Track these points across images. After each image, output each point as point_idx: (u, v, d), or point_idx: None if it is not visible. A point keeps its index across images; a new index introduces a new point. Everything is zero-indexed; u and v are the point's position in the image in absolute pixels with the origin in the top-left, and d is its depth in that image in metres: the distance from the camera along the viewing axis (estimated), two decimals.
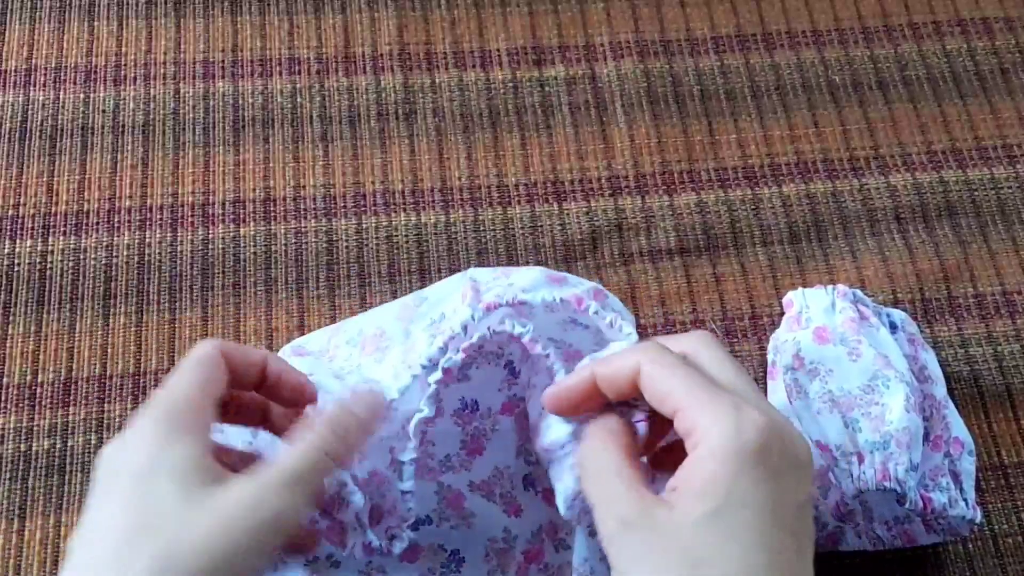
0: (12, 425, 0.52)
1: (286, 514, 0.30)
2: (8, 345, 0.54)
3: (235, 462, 0.35)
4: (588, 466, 0.31)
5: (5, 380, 0.53)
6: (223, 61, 0.63)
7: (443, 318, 0.39)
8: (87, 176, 0.59)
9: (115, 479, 0.31)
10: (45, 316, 0.55)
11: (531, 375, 0.39)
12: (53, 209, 0.58)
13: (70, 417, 0.52)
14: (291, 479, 0.30)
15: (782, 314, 0.55)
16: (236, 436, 0.39)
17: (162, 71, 0.62)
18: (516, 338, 0.37)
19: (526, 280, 0.39)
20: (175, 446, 0.30)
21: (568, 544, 0.43)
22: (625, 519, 0.28)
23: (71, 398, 0.53)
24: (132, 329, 0.55)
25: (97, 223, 0.57)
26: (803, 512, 0.28)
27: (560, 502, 0.34)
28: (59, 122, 0.60)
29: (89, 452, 0.51)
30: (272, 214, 0.58)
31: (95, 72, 0.62)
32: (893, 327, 0.51)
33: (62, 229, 0.57)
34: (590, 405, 0.33)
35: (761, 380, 0.54)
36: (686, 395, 0.29)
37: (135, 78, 0.62)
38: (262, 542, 0.29)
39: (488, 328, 0.37)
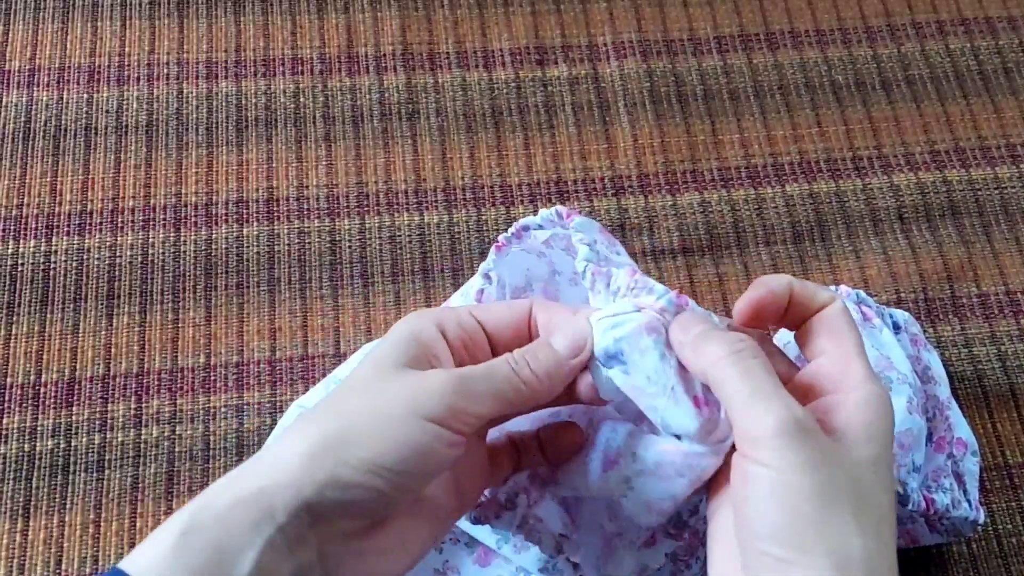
0: (16, 425, 0.52)
1: (456, 410, 0.30)
2: (12, 345, 0.54)
3: None
4: (746, 360, 0.31)
5: (9, 380, 0.53)
6: (226, 61, 0.63)
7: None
8: (91, 176, 0.59)
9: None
10: (49, 316, 0.55)
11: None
12: (57, 209, 0.58)
13: (74, 417, 0.52)
14: (474, 377, 0.31)
15: None
16: None
17: (165, 71, 0.62)
18: None
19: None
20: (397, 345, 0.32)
21: None
22: (793, 421, 0.28)
23: (75, 398, 0.53)
24: (135, 329, 0.55)
25: (101, 223, 0.57)
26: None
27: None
28: (63, 122, 0.60)
29: (93, 452, 0.51)
30: (275, 214, 0.58)
31: (98, 72, 0.62)
32: (896, 327, 0.51)
33: (66, 229, 0.57)
34: (769, 318, 0.35)
35: None
36: (857, 348, 0.32)
37: (138, 78, 0.62)
38: (428, 426, 0.30)
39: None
